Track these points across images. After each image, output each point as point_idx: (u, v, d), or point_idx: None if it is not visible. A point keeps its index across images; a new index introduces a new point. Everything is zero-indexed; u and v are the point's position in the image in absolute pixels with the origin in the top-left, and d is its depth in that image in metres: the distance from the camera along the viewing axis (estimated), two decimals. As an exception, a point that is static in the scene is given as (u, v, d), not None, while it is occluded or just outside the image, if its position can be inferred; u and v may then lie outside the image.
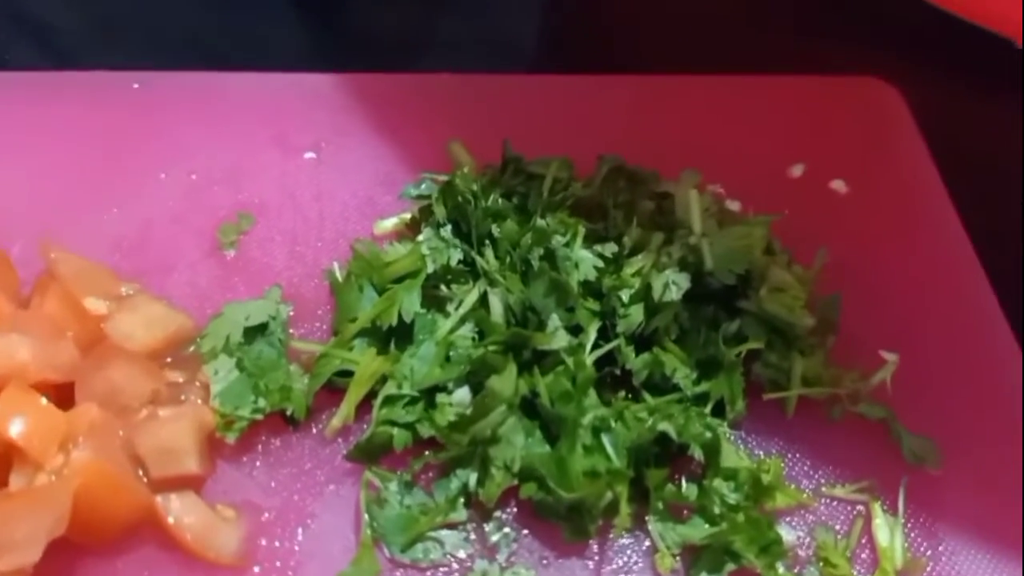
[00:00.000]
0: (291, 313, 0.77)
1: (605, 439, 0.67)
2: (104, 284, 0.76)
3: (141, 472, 0.67)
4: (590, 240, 0.73)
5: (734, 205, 0.85)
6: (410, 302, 0.74)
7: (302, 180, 0.88)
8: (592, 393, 0.68)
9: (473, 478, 0.68)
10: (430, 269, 0.75)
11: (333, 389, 0.73)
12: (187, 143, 0.90)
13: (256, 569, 0.66)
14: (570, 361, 0.68)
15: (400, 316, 0.73)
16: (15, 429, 0.63)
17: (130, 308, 0.75)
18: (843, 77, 1.00)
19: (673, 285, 0.71)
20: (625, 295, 0.71)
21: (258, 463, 0.71)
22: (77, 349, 0.69)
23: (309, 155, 0.90)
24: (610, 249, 0.74)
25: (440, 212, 0.79)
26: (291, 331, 0.77)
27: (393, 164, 0.90)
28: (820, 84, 0.99)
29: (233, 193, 0.87)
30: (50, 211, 0.83)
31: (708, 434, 0.67)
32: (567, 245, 0.72)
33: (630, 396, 0.71)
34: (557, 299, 0.72)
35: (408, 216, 0.84)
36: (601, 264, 0.72)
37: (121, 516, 0.65)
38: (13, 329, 0.68)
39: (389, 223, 0.84)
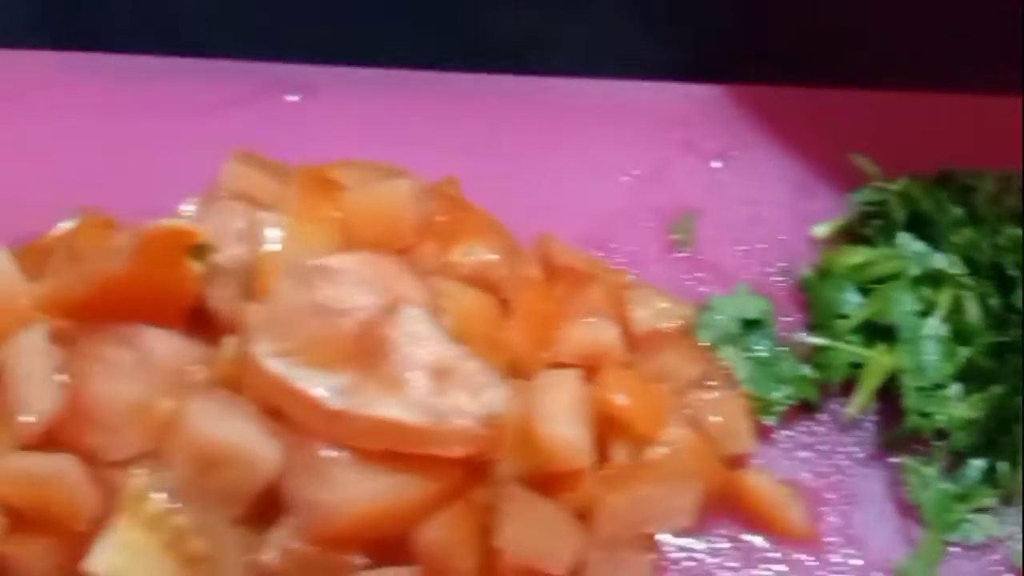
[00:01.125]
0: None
1: None
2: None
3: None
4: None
5: None
6: (902, 302, 0.80)
7: (722, 186, 0.94)
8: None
9: (1001, 465, 0.74)
10: (915, 272, 0.81)
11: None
12: (606, 146, 0.94)
13: (826, 540, 0.71)
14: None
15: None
16: (620, 400, 0.68)
17: (640, 300, 0.79)
18: None
19: None
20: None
21: (781, 445, 0.77)
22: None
23: (716, 163, 0.96)
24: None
25: (899, 217, 0.85)
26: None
27: (802, 173, 0.96)
28: None
29: (669, 195, 0.93)
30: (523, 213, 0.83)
31: None
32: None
33: None
34: (1045, 299, 0.79)
35: (841, 221, 0.90)
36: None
37: (709, 492, 0.69)
38: (576, 313, 0.72)
39: (825, 227, 0.91)
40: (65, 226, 0.79)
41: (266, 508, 0.59)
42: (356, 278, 0.60)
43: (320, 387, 0.58)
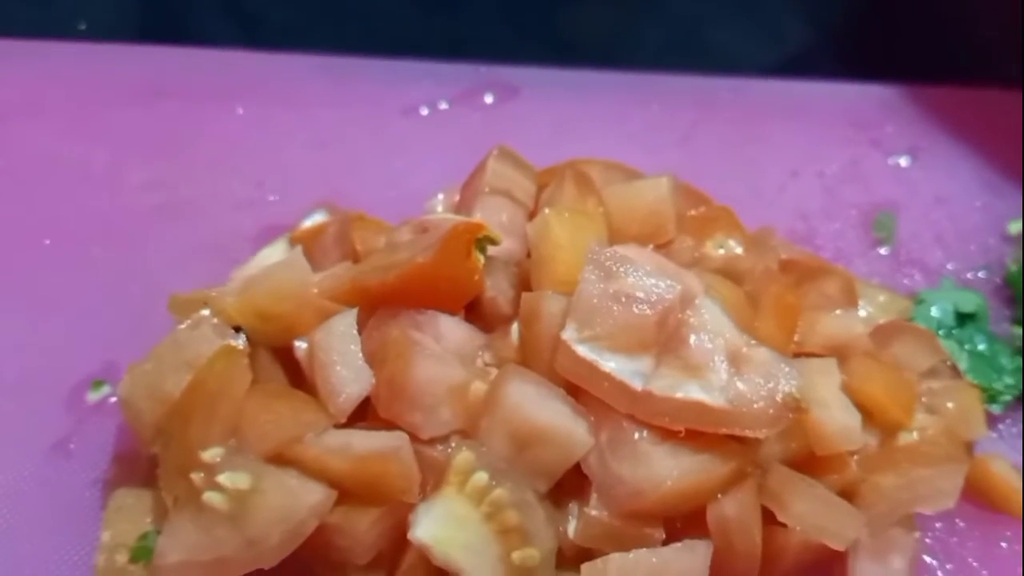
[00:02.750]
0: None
1: None
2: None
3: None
4: None
5: None
6: (1115, 296, 0.83)
7: (913, 184, 0.97)
8: None
9: None
10: None
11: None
12: (798, 146, 0.98)
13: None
14: None
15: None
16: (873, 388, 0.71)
17: (864, 294, 0.82)
18: None
19: None
20: None
21: (1005, 433, 0.80)
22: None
23: (904, 162, 1.00)
24: None
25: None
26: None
27: (989, 172, 0.98)
28: None
29: (863, 192, 0.96)
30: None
31: None
32: None
33: None
34: None
35: (1035, 219, 0.93)
36: None
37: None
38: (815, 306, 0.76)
39: (1020, 224, 0.94)
40: (314, 220, 0.85)
41: (567, 484, 0.64)
42: (652, 268, 0.65)
43: (627, 370, 0.62)
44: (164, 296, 0.73)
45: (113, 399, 0.75)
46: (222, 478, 0.61)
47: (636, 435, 0.62)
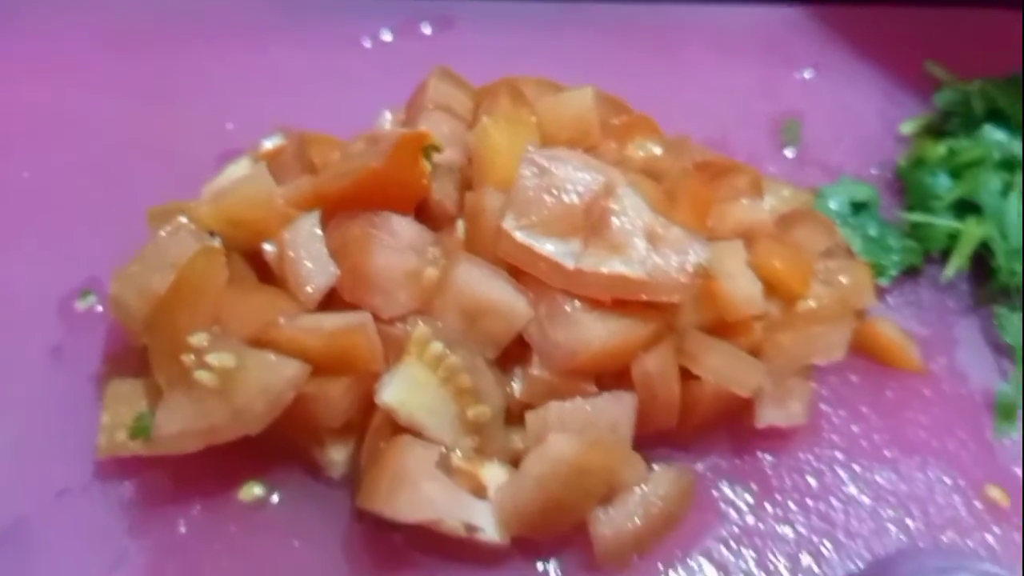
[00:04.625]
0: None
1: None
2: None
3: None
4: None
5: None
6: (988, 182, 0.94)
7: (818, 95, 1.07)
8: None
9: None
10: (997, 157, 0.95)
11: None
12: (712, 64, 1.08)
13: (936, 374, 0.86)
14: None
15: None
16: (776, 264, 0.82)
17: (770, 188, 0.93)
18: None
19: None
20: None
21: (893, 303, 0.91)
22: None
23: (809, 75, 1.09)
24: None
25: (980, 112, 0.99)
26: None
27: (885, 82, 1.09)
28: None
29: (772, 103, 1.06)
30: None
31: None
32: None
33: None
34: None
35: (925, 119, 1.04)
36: None
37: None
38: (726, 198, 0.86)
39: (911, 125, 1.04)
40: (272, 142, 0.92)
41: (511, 351, 0.74)
42: (579, 164, 0.73)
43: (559, 252, 0.71)
44: (140, 217, 0.81)
45: (100, 308, 0.83)
46: (210, 358, 0.70)
47: (569, 306, 0.72)
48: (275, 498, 0.74)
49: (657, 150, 0.85)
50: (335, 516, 0.73)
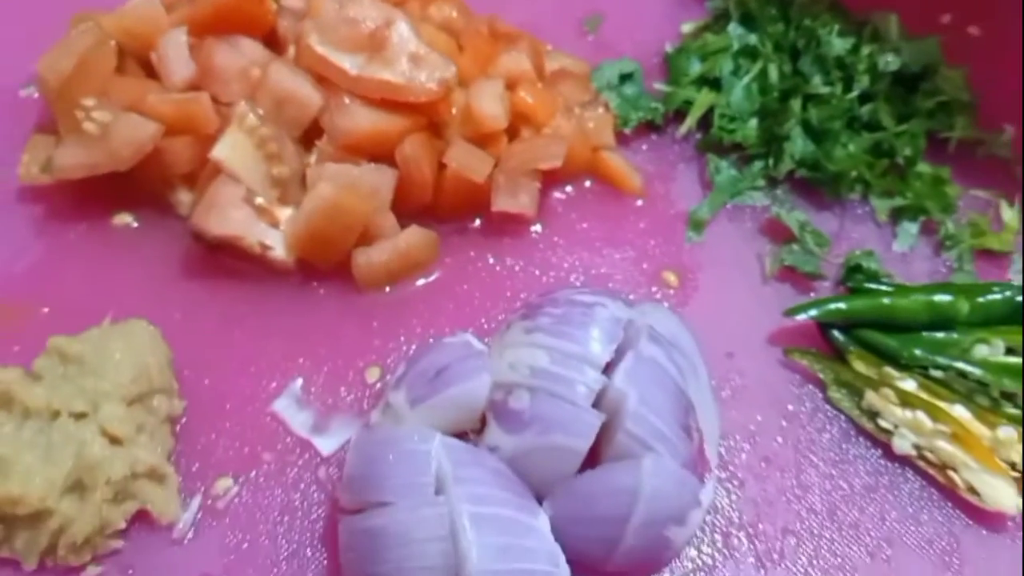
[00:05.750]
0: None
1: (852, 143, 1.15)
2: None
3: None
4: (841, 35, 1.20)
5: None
6: (725, 64, 1.21)
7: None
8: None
9: (770, 162, 1.16)
10: (736, 47, 1.22)
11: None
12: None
13: (654, 196, 1.14)
14: (834, 99, 1.15)
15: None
16: (527, 99, 1.09)
17: (552, 56, 1.20)
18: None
19: (889, 63, 1.19)
20: (862, 65, 1.18)
21: (635, 148, 1.19)
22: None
23: (622, -15, 1.36)
24: (850, 40, 1.20)
25: (734, 14, 1.25)
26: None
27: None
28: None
29: (582, 3, 1.33)
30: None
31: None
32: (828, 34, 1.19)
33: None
34: (819, 67, 1.19)
35: (702, 22, 1.30)
36: (848, 47, 1.19)
37: (580, 161, 1.12)
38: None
39: (689, 25, 1.31)
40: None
41: (311, 133, 1.03)
42: (370, 4, 1.02)
43: (347, 62, 1.00)
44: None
45: (37, 95, 1.13)
46: (95, 115, 1.00)
47: (349, 100, 1.01)
48: (137, 225, 1.05)
49: (454, 13, 1.13)
50: (179, 238, 1.03)
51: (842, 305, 1.03)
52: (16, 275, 1.02)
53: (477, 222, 1.10)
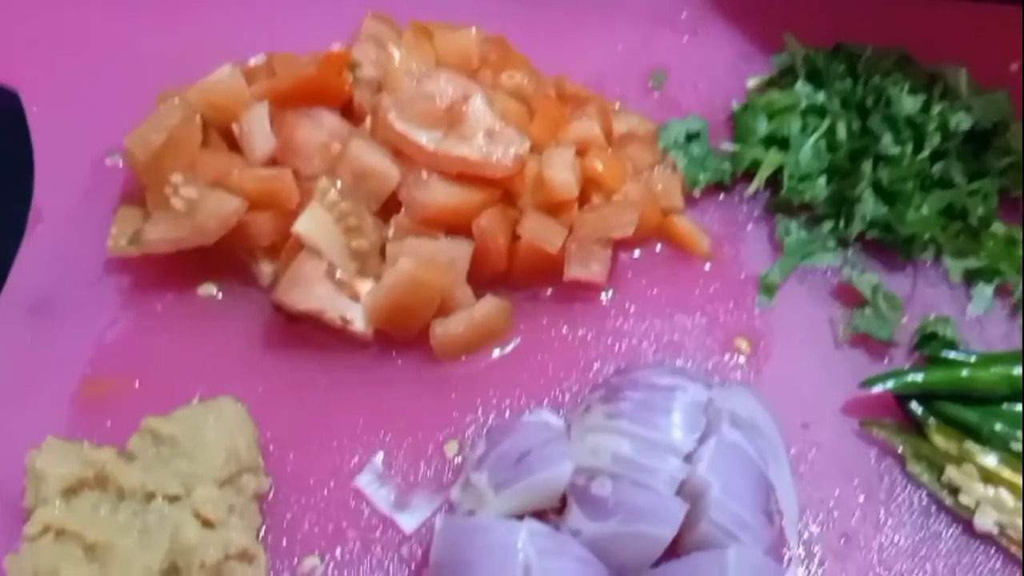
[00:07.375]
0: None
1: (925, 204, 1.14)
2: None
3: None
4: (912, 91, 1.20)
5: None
6: (793, 123, 1.21)
7: (687, 54, 1.35)
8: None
9: (841, 223, 1.16)
10: (804, 105, 1.22)
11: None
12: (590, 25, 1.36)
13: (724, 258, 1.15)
14: (905, 159, 1.15)
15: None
16: (597, 166, 1.11)
17: (621, 117, 1.22)
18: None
19: (961, 122, 1.18)
20: (933, 125, 1.18)
21: (703, 209, 1.19)
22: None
23: (685, 37, 1.36)
24: (920, 98, 1.20)
25: (801, 70, 1.25)
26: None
27: (743, 44, 1.35)
28: None
29: (647, 58, 1.34)
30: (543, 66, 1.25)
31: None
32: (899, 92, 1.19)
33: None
34: (889, 125, 1.19)
35: (767, 77, 1.30)
36: (919, 106, 1.18)
37: (651, 225, 1.13)
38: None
39: (755, 80, 1.31)
40: (255, 60, 1.25)
41: (389, 206, 1.05)
42: (447, 79, 1.04)
43: (424, 137, 1.02)
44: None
45: (121, 163, 1.17)
46: (182, 191, 1.03)
47: (427, 176, 1.03)
48: (221, 295, 1.08)
49: (524, 80, 1.15)
50: (261, 309, 1.06)
51: (919, 377, 1.03)
52: (106, 347, 1.06)
53: (549, 290, 1.12)
